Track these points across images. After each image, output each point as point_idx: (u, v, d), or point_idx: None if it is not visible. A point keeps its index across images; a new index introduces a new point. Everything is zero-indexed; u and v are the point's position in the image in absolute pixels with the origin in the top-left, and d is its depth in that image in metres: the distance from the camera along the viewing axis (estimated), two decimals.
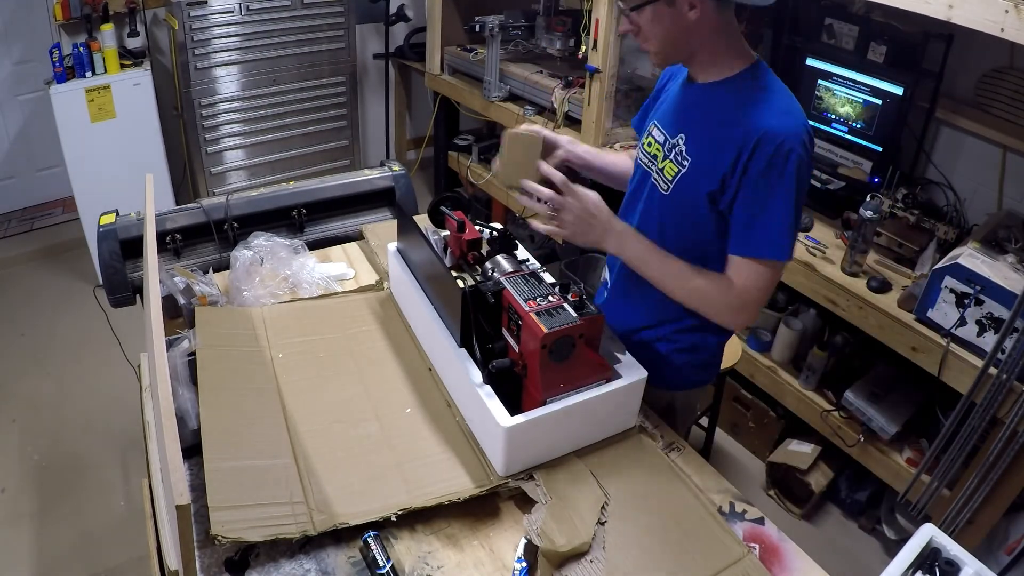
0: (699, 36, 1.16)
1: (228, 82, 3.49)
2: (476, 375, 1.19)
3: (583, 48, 2.74)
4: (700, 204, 1.20)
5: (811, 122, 1.22)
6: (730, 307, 1.21)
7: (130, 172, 3.02)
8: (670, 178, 1.24)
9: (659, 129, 1.30)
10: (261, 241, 1.65)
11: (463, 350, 1.23)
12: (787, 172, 1.10)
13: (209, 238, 1.77)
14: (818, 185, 2.43)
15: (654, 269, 1.24)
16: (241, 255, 1.60)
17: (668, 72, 1.40)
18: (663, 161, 1.26)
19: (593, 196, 1.22)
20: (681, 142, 1.22)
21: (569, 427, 1.20)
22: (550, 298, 1.16)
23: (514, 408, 1.14)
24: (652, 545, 1.09)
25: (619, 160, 1.51)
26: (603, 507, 1.13)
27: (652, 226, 1.28)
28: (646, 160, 1.33)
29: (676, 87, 1.31)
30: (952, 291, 1.84)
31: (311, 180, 1.96)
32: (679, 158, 1.22)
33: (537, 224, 1.25)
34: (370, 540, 1.04)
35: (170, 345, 1.33)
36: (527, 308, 1.13)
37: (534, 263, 1.41)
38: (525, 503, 1.14)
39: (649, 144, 1.32)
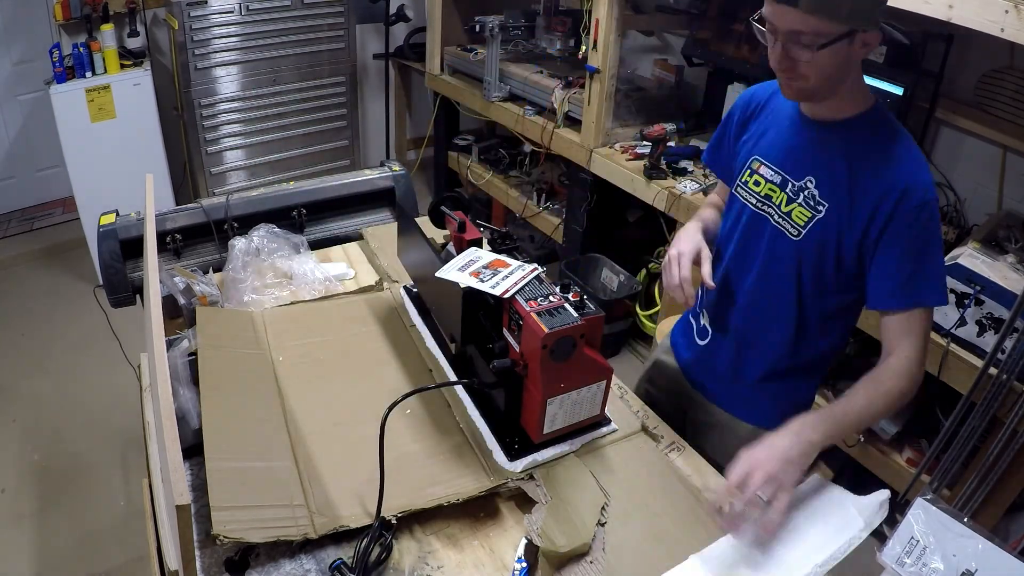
0: (850, 71, 1.10)
1: (228, 82, 3.49)
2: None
3: (583, 48, 2.74)
4: (834, 249, 1.16)
5: None
6: (912, 376, 1.14)
7: (130, 172, 3.01)
8: (802, 224, 1.18)
9: (770, 167, 1.24)
10: (260, 233, 1.66)
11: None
12: (934, 221, 1.11)
13: (209, 238, 1.77)
14: None
15: (851, 425, 1.14)
16: (238, 243, 1.61)
17: (747, 102, 1.33)
18: (789, 204, 1.20)
19: (765, 454, 1.05)
20: (811, 185, 1.17)
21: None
22: (551, 298, 1.16)
23: (514, 408, 1.14)
24: (652, 546, 1.09)
25: (710, 216, 1.46)
26: (603, 508, 1.13)
27: (787, 271, 1.22)
28: (756, 201, 1.26)
29: (779, 122, 1.25)
30: (952, 291, 1.84)
31: (311, 180, 1.96)
32: (811, 202, 1.17)
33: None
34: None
35: (170, 345, 1.33)
36: (528, 308, 1.13)
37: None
38: (525, 503, 1.14)
39: (757, 183, 1.25)
